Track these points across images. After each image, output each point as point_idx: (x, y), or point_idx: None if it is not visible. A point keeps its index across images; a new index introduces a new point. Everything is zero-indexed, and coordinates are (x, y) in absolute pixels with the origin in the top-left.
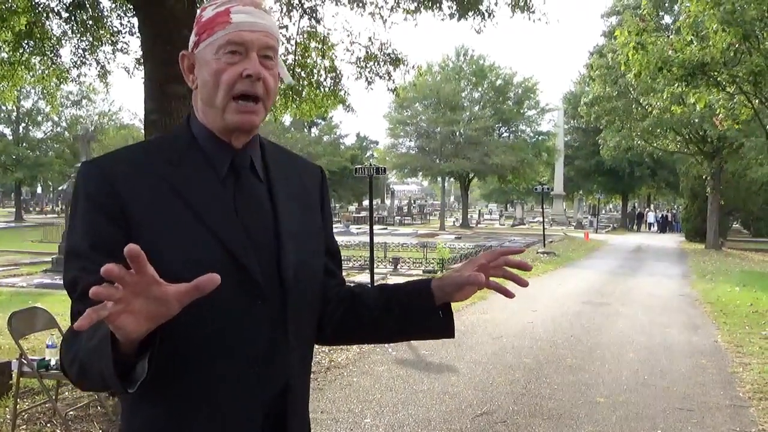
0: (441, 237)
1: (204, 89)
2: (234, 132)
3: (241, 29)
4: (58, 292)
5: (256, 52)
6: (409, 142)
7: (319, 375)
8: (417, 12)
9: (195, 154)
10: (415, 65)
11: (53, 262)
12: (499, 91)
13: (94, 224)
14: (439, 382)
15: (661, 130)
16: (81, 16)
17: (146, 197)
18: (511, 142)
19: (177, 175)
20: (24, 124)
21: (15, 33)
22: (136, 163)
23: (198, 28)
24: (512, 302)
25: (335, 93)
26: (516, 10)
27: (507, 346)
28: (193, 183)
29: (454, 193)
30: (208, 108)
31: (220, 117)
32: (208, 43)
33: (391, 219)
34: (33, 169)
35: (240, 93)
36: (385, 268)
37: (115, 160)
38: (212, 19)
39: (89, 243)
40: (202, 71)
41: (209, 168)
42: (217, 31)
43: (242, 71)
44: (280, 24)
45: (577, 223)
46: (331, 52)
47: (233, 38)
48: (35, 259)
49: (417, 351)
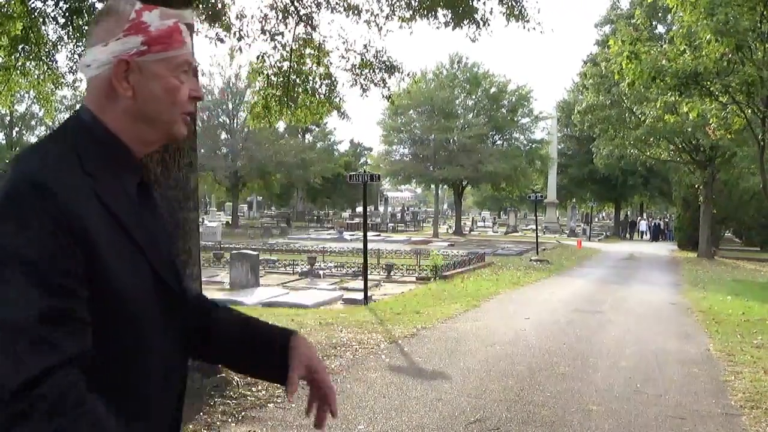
0: (434, 244)
1: (152, 103)
2: (161, 143)
3: (190, 50)
4: None
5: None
6: (403, 149)
7: None
8: (412, 20)
9: (110, 167)
10: (410, 73)
11: None
12: (493, 98)
13: (57, 253)
14: (433, 388)
15: (654, 138)
16: (77, 22)
17: (90, 217)
18: (505, 149)
19: (103, 192)
20: (18, 129)
21: (11, 38)
22: (73, 180)
23: (147, 37)
24: (505, 310)
25: (330, 100)
26: (511, 18)
27: (500, 354)
28: (116, 200)
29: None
30: (145, 121)
31: (162, 129)
32: (162, 57)
33: (384, 226)
34: None
35: (189, 112)
36: (379, 275)
37: (58, 178)
38: (167, 34)
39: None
40: (151, 84)
41: (125, 183)
42: (175, 47)
43: (193, 93)
44: (276, 31)
45: (570, 230)
46: (327, 59)
47: (189, 59)
48: None
49: (410, 358)
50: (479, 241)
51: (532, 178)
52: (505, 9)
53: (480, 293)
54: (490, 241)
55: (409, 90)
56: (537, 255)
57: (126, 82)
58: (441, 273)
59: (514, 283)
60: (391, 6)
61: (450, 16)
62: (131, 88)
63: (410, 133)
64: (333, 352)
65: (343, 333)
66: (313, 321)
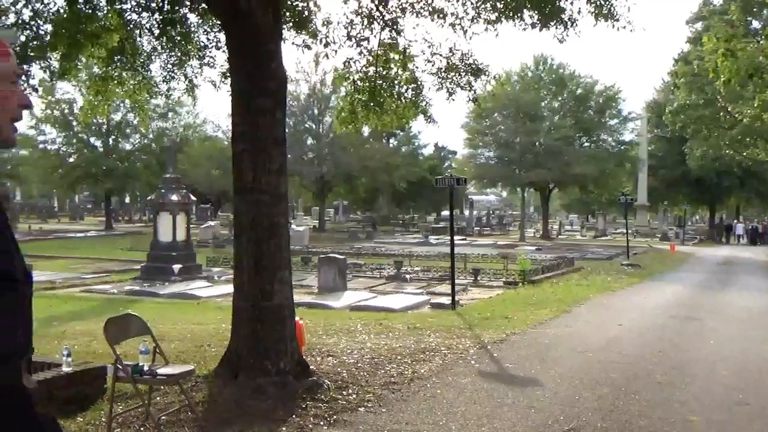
0: (521, 248)
1: None
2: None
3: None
4: (147, 299)
5: None
6: (488, 152)
7: (402, 386)
8: (497, 22)
9: None
10: (496, 75)
11: (142, 270)
12: (580, 100)
13: None
14: (524, 395)
15: (751, 138)
16: (170, 32)
17: None
18: (593, 151)
19: None
20: (114, 137)
21: (108, 49)
22: None
23: None
24: (596, 316)
25: (416, 103)
26: (600, 18)
27: (593, 361)
28: None
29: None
30: None
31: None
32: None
33: (470, 230)
34: (122, 180)
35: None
36: (465, 279)
37: None
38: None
39: None
40: None
41: None
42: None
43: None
44: (361, 36)
45: (662, 234)
46: (412, 64)
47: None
48: (125, 266)
49: (500, 364)
50: (567, 245)
51: (622, 181)
52: (593, 8)
53: (570, 298)
54: (579, 245)
55: (493, 92)
56: (628, 259)
57: None
58: (529, 277)
59: (605, 288)
60: (476, 8)
61: (537, 17)
62: None
63: (495, 136)
64: (422, 357)
65: (431, 337)
66: (401, 325)
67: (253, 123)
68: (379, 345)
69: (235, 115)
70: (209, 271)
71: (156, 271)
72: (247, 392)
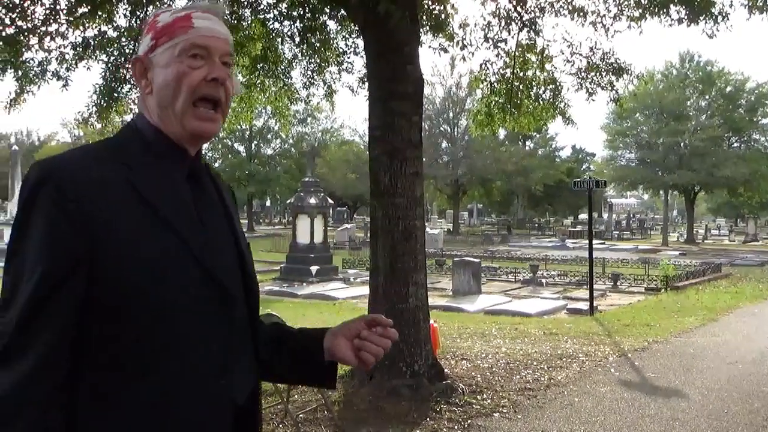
0: (664, 253)
1: (162, 92)
2: (192, 139)
3: (204, 34)
4: (286, 299)
5: (218, 57)
6: (629, 153)
7: (538, 393)
8: (642, 19)
9: (152, 160)
10: (639, 74)
11: (281, 270)
12: (729, 98)
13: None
14: (668, 407)
15: None
16: (310, 40)
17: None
18: (743, 152)
19: (139, 181)
20: (256, 142)
21: (251, 58)
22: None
23: (155, 33)
24: (747, 325)
25: (554, 105)
26: (754, 11)
27: (743, 373)
28: (156, 189)
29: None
30: (166, 113)
31: (178, 123)
32: (168, 47)
33: (609, 233)
34: (263, 184)
35: (202, 96)
36: (604, 285)
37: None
38: (171, 24)
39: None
40: (160, 75)
41: (169, 174)
42: (179, 35)
43: (206, 75)
44: (498, 38)
45: None
46: (550, 64)
47: (197, 42)
48: (265, 267)
49: (642, 373)
50: (714, 251)
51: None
52: (747, 1)
53: (717, 306)
54: (727, 251)
55: (635, 92)
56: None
57: (145, 78)
58: (673, 284)
59: (756, 297)
60: (619, 5)
61: (684, 12)
62: (150, 83)
63: (636, 137)
64: (558, 363)
65: (568, 344)
66: (537, 330)
67: (390, 126)
68: (515, 350)
69: (372, 118)
70: (345, 272)
71: (294, 272)
72: (381, 393)
